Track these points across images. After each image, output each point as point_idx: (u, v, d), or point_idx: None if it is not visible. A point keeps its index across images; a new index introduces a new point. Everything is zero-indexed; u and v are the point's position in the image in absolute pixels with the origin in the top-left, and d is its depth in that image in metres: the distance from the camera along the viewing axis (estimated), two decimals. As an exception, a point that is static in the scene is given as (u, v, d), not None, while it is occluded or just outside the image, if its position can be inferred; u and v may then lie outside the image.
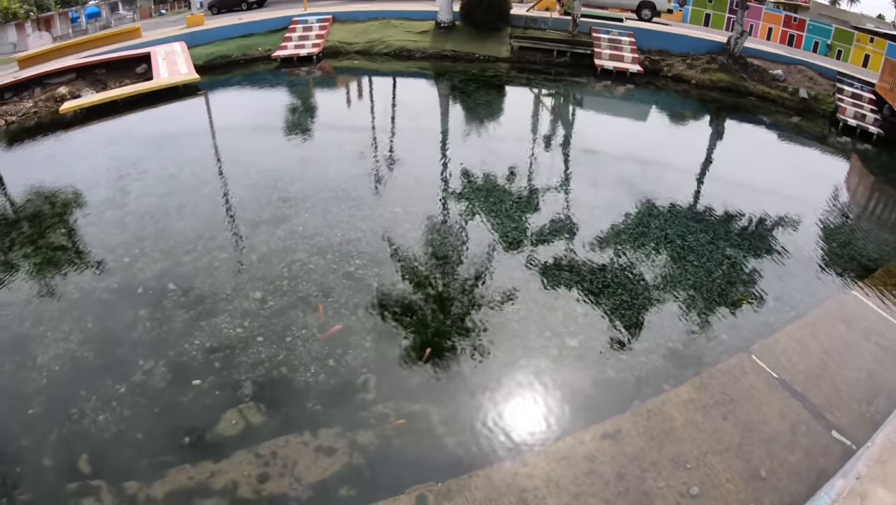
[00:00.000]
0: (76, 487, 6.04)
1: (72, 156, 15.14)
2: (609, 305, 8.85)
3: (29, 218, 11.86)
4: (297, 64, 22.61)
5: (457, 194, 12.31)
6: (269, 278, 9.14)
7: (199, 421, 6.70)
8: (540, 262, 9.83)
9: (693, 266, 10.03)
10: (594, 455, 6.18)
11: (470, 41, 24.12)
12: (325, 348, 7.69)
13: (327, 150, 14.87)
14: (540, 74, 22.77)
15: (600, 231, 10.93)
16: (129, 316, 8.51)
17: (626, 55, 24.54)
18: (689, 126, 20.28)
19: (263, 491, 5.84)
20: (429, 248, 10.05)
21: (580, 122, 18.43)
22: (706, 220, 11.86)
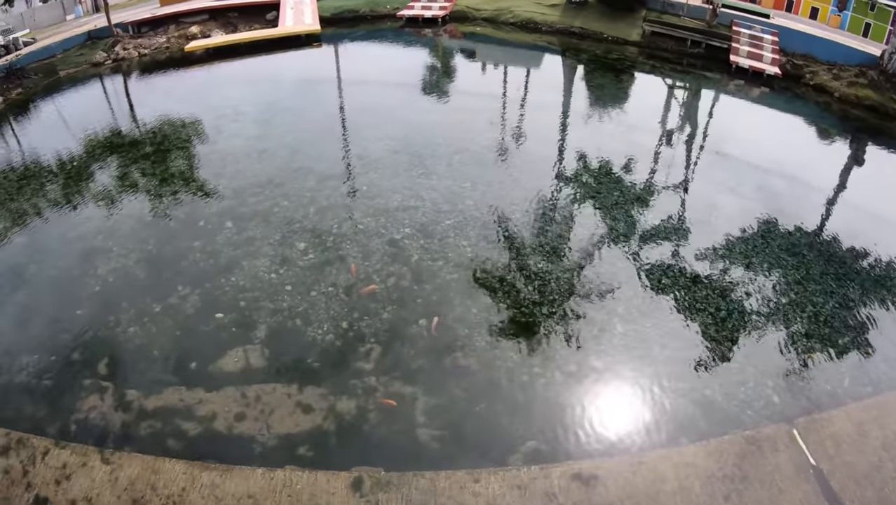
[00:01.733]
0: (88, 383, 6.85)
1: (184, 91, 16.61)
2: (656, 324, 8.02)
3: (127, 145, 13.13)
4: (421, 25, 22.87)
5: (543, 177, 11.87)
6: (317, 231, 9.58)
7: (209, 351, 7.28)
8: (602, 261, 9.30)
9: (775, 302, 8.68)
10: (555, 494, 5.52)
11: (600, 20, 23.06)
12: (343, 309, 7.99)
13: (422, 113, 15.09)
14: (668, 63, 21.53)
15: (694, 242, 9.92)
16: (185, 245, 9.28)
17: (765, 55, 22.60)
18: (822, 144, 18.35)
19: (234, 429, 6.29)
20: (484, 229, 9.81)
21: (702, 120, 17.26)
22: (810, 252, 10.18)
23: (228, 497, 5.34)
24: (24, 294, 8.49)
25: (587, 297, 8.31)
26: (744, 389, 7.01)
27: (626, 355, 7.38)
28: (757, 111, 19.64)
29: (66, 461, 5.70)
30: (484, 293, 8.27)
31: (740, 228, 10.32)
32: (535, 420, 6.47)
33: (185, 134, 13.46)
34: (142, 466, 5.63)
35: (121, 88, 17.75)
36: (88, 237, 9.66)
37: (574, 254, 9.26)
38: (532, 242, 9.49)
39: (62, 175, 12.00)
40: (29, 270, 9.00)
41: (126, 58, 19.26)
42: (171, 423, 6.32)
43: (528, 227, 9.90)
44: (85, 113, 15.23)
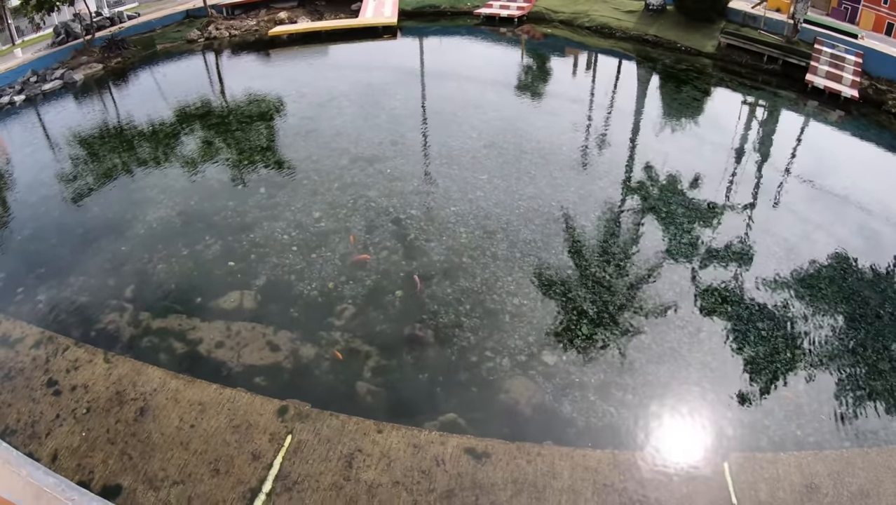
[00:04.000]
0: (114, 303, 8.57)
1: (262, 72, 18.66)
2: (624, 333, 8.38)
3: (198, 116, 15.20)
4: (497, 23, 23.62)
5: (576, 177, 12.39)
6: (334, 204, 10.90)
7: (214, 290, 8.78)
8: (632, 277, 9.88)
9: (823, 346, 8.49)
10: (443, 460, 6.35)
11: (675, 29, 22.87)
12: (334, 272, 9.23)
13: (467, 108, 15.94)
14: (740, 78, 20.96)
15: (758, 271, 9.87)
16: (221, 204, 10.92)
17: (845, 76, 21.14)
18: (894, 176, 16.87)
19: (212, 354, 7.72)
20: (486, 219, 10.59)
21: (768, 140, 16.90)
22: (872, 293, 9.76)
23: (184, 402, 6.79)
24: (84, 229, 10.40)
25: (561, 295, 9.09)
26: (686, 413, 7.18)
27: (582, 357, 7.94)
28: (829, 135, 19.01)
29: (79, 357, 7.36)
30: (463, 276, 9.20)
31: (802, 257, 10.32)
32: (467, 397, 7.26)
33: (249, 110, 15.30)
34: (131, 368, 7.21)
35: (208, 66, 20.04)
36: (147, 189, 11.58)
37: (563, 253, 9.98)
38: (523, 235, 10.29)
39: (141, 137, 14.18)
40: (92, 211, 10.99)
41: (218, 37, 21.50)
42: (165, 340, 7.85)
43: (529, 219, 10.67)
44: (171, 85, 17.62)
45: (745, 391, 7.45)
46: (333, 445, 6.42)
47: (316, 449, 6.35)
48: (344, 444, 6.44)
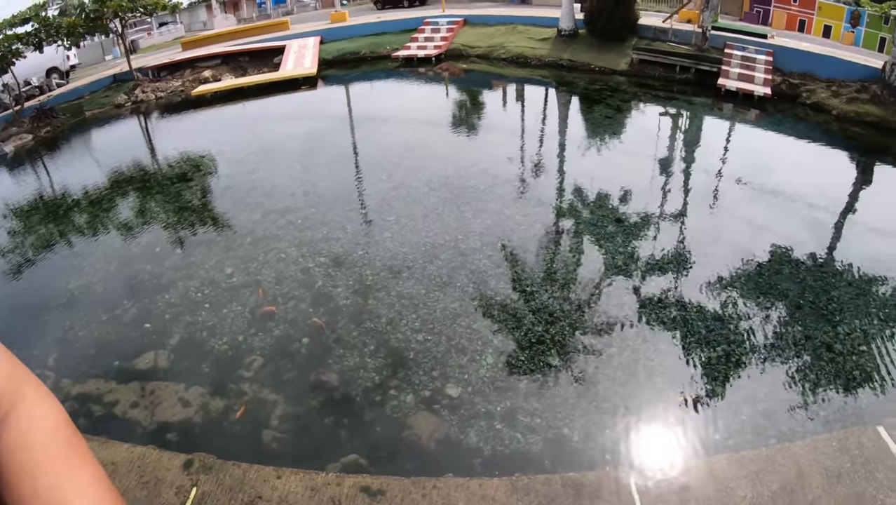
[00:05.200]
0: (36, 372, 8.27)
1: (182, 133, 19.57)
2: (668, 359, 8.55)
3: (119, 182, 15.79)
4: (416, 64, 24.40)
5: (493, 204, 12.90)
6: (246, 258, 11.30)
7: (131, 352, 9.15)
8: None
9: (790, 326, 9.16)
10: (340, 501, 7.05)
11: (589, 51, 23.78)
12: (244, 325, 9.61)
13: (384, 149, 16.55)
14: (655, 91, 21.80)
15: (706, 273, 10.38)
16: (140, 266, 11.38)
17: (757, 76, 22.14)
18: (814, 164, 17.88)
19: (127, 414, 8.02)
20: (393, 260, 11.01)
21: (688, 145, 17.72)
22: (841, 271, 10.63)
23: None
24: (11, 302, 10.92)
25: (462, 327, 9.54)
26: (593, 432, 7.32)
27: (487, 386, 8.14)
28: (748, 133, 19.76)
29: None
30: (368, 318, 9.59)
31: (738, 256, 10.84)
32: (371, 437, 7.48)
33: (170, 172, 15.87)
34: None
35: (134, 130, 20.62)
36: (71, 258, 12.11)
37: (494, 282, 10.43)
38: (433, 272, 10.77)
39: (68, 207, 14.69)
40: (17, 283, 11.53)
41: (144, 100, 22.12)
42: (84, 405, 8.18)
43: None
44: (98, 152, 18.63)
45: (655, 406, 7.72)
46: (235, 493, 6.69)
47: (219, 499, 6.64)
48: (245, 491, 6.72)
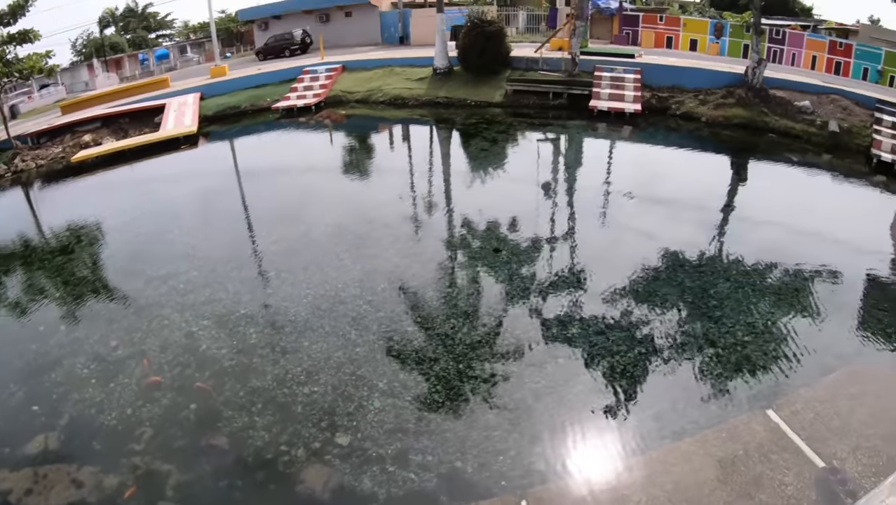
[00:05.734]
0: None
1: (63, 202, 18.48)
2: (603, 360, 8.96)
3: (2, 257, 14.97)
4: (297, 114, 24.27)
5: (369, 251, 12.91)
6: (129, 329, 10.71)
7: (21, 437, 8.37)
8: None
9: (706, 320, 9.88)
10: None
11: (464, 87, 24.45)
12: (132, 397, 9.37)
13: (264, 203, 16.38)
14: (531, 119, 22.48)
15: (606, 283, 10.97)
16: (24, 347, 10.67)
17: (627, 94, 23.40)
18: (693, 169, 19.26)
19: (21, 502, 7.43)
20: (277, 315, 10.76)
21: (568, 168, 18.33)
22: (720, 269, 11.60)
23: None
24: None
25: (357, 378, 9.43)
26: (486, 458, 7.42)
27: (377, 430, 8.02)
28: (623, 149, 20.62)
29: None
30: (254, 376, 9.20)
31: (624, 267, 11.45)
32: (264, 496, 7.26)
33: (50, 246, 15.23)
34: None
35: (14, 201, 19.47)
36: None
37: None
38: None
39: None
40: None
41: (24, 169, 21.01)
42: (-24, 495, 7.63)
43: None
44: None
45: (545, 426, 7.85)
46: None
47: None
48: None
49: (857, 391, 8.12)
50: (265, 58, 36.56)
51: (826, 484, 6.47)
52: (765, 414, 7.48)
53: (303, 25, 38.00)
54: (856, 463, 6.74)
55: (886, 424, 7.34)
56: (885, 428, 7.28)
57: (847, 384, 8.31)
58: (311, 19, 38.61)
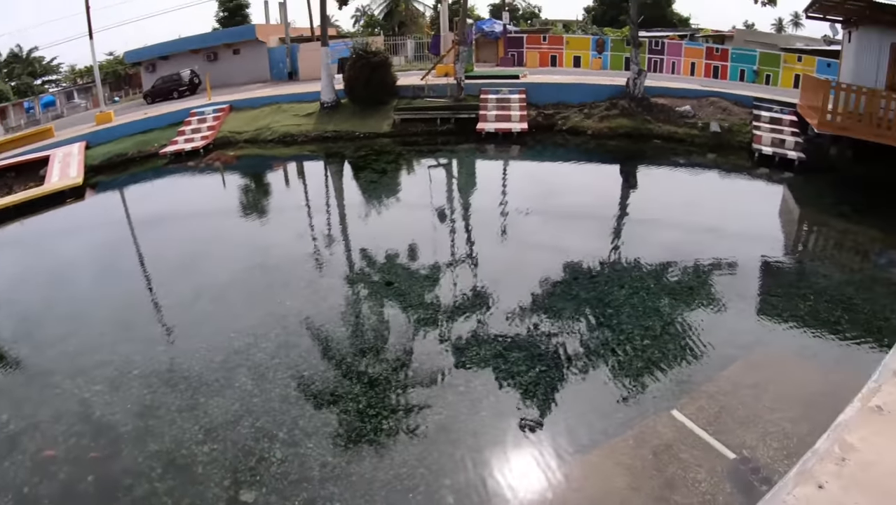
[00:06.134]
0: None
1: None
2: (507, 378, 9.13)
3: None
4: (185, 159, 23.79)
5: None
6: (20, 400, 10.26)
7: None
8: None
9: (613, 327, 10.29)
10: None
11: (352, 119, 24.75)
12: (27, 474, 8.66)
13: (153, 253, 16.10)
14: (420, 146, 22.93)
15: (505, 303, 11.25)
16: None
17: (513, 114, 24.17)
18: (584, 181, 20.16)
19: None
20: (170, 374, 10.55)
21: (460, 191, 18.80)
22: (615, 277, 12.10)
23: None
24: None
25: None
26: (384, 500, 7.58)
27: (281, 483, 8.07)
28: (514, 167, 21.39)
29: None
30: (151, 439, 9.07)
31: (528, 282, 11.84)
32: None
33: None
34: None
35: None
36: None
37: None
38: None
39: None
40: None
41: None
42: None
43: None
44: None
45: (450, 459, 7.98)
46: None
47: None
48: None
49: (760, 378, 8.44)
50: (153, 101, 35.68)
51: (739, 474, 6.59)
52: (670, 414, 7.64)
53: (191, 65, 37.34)
54: (766, 449, 6.96)
55: (791, 407, 7.71)
56: (791, 410, 7.63)
57: (749, 373, 8.63)
58: (199, 59, 38.05)
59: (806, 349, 9.82)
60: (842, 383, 7.74)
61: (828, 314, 10.73)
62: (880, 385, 6.07)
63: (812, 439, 6.17)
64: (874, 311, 10.89)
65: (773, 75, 38.31)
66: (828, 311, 10.84)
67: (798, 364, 9.09)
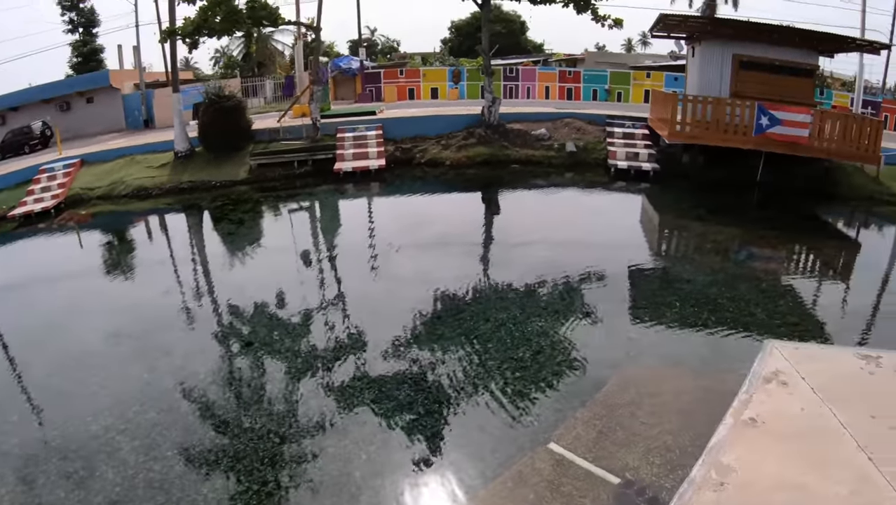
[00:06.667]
0: None
1: None
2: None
3: None
4: (36, 220, 22.47)
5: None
6: None
7: None
8: None
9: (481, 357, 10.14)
10: None
11: (207, 168, 24.23)
12: None
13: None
14: (278, 192, 22.65)
15: (377, 344, 10.92)
16: None
17: (371, 151, 24.43)
18: (445, 212, 20.40)
19: None
20: (25, 470, 9.64)
21: (324, 234, 18.75)
22: (481, 311, 11.88)
23: None
24: None
25: None
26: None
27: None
28: (376, 204, 21.66)
29: None
30: None
31: (389, 327, 11.45)
32: None
33: None
34: None
35: None
36: None
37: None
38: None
39: None
40: None
41: None
42: None
43: None
44: None
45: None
46: None
47: None
48: None
49: (634, 395, 8.33)
50: (4, 156, 33.60)
51: (625, 499, 6.48)
52: (546, 448, 7.37)
53: (43, 116, 35.58)
54: (650, 467, 6.87)
55: (669, 419, 7.65)
56: (669, 423, 7.56)
57: (622, 392, 8.48)
58: (51, 109, 36.27)
59: (677, 357, 9.93)
60: (714, 387, 8.06)
61: (695, 318, 11.12)
62: (751, 395, 6.32)
63: (694, 450, 6.48)
64: (738, 308, 11.52)
65: (625, 93, 41.39)
66: (694, 315, 11.23)
67: (670, 373, 9.10)
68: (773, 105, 20.59)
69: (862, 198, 22.34)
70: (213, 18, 23.24)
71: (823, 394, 6.31)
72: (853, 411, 5.99)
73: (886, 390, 6.56)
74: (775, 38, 22.75)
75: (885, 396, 6.42)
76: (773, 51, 22.83)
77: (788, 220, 19.43)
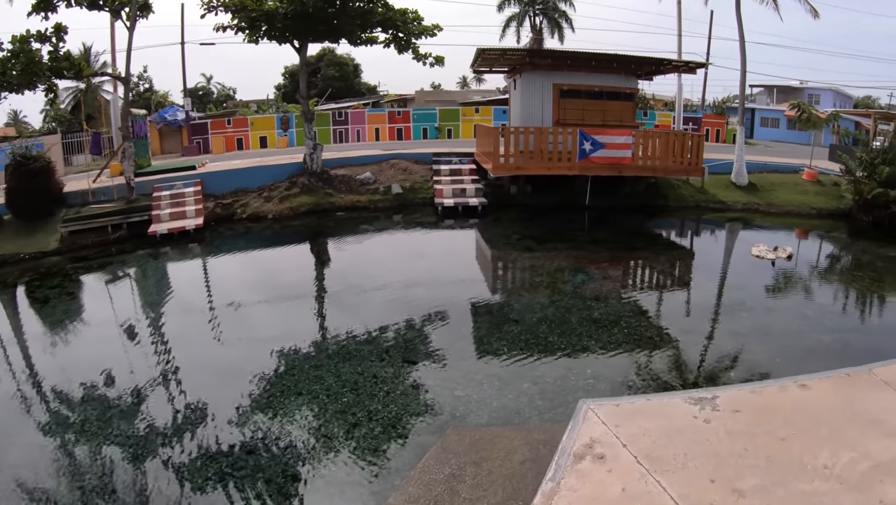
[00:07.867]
0: None
1: None
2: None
3: None
4: None
5: None
6: None
7: None
8: None
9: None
10: None
11: (16, 238, 22.59)
12: None
13: None
14: (91, 261, 21.40)
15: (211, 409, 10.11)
16: None
17: (188, 209, 24.08)
18: (268, 270, 19.96)
19: None
20: None
21: (145, 306, 17.37)
22: (303, 387, 10.59)
23: None
24: None
25: None
26: None
27: None
28: (195, 267, 20.66)
29: None
30: None
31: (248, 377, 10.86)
32: None
33: None
34: None
35: None
36: None
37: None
38: None
39: None
40: None
41: None
42: None
43: None
44: None
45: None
46: None
47: None
48: None
49: (456, 466, 7.08)
50: None
51: None
52: None
53: None
54: None
55: (495, 489, 6.51)
56: (496, 494, 6.45)
57: (443, 463, 7.21)
58: None
59: (507, 411, 9.09)
60: (549, 440, 7.01)
61: (524, 361, 10.72)
62: (558, 483, 5.13)
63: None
64: (570, 343, 11.48)
65: (455, 129, 43.78)
66: (523, 358, 10.85)
67: (499, 433, 7.93)
68: (594, 130, 22.40)
69: (689, 207, 24.92)
70: (11, 72, 22.30)
71: (650, 463, 5.32)
72: (687, 479, 5.08)
73: (725, 441, 5.69)
74: (594, 66, 24.63)
75: (724, 448, 5.57)
76: (592, 77, 24.73)
77: (619, 239, 20.95)
